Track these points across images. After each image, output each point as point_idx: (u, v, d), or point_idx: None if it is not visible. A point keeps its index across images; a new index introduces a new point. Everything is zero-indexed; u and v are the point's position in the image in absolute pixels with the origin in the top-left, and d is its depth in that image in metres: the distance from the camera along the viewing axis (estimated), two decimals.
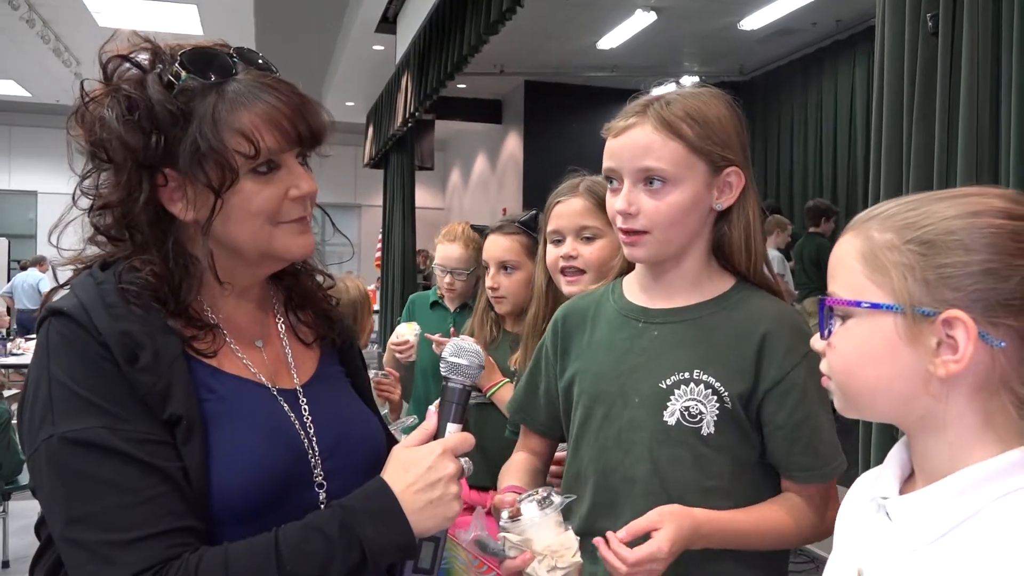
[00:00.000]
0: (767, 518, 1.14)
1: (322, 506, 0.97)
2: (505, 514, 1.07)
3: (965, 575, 0.71)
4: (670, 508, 1.08)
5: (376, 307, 8.21)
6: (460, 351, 1.07)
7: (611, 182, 1.19)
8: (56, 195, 12.27)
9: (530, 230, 1.98)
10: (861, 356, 0.78)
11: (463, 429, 1.03)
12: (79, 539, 0.86)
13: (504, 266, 1.97)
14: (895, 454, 0.85)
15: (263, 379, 1.03)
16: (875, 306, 0.76)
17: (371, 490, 0.95)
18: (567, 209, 1.64)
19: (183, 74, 0.94)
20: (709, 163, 1.14)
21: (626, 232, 1.16)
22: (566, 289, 1.63)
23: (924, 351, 0.74)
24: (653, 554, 1.03)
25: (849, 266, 0.79)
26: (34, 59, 9.72)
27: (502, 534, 1.06)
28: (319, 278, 1.17)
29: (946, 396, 0.75)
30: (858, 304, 0.77)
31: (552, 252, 1.67)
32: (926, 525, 0.76)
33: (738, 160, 1.16)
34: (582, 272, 1.60)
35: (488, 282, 2.00)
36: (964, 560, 0.72)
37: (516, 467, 1.34)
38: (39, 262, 10.50)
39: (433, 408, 1.04)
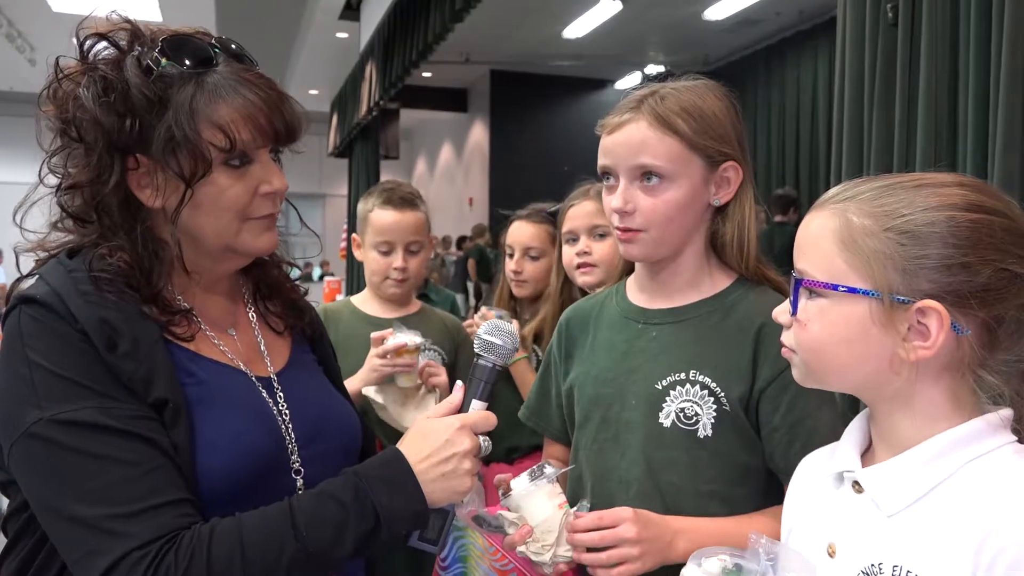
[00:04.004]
0: (757, 527, 1.06)
1: (299, 493, 0.97)
2: (501, 491, 1.07)
3: (946, 534, 0.74)
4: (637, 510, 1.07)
5: (341, 297, 8.12)
6: (495, 330, 1.05)
7: (607, 179, 1.17)
8: (2, 184, 11.95)
9: (553, 221, 2.08)
10: (833, 336, 0.81)
11: (488, 408, 1.03)
12: (81, 517, 0.83)
13: (530, 253, 2.06)
14: (854, 429, 0.88)
15: (240, 365, 1.02)
16: (852, 290, 0.78)
17: (386, 458, 0.95)
18: (580, 211, 1.87)
19: (163, 60, 0.93)
20: (705, 158, 1.12)
21: (622, 230, 1.15)
22: (580, 280, 1.84)
23: (895, 335, 0.77)
24: (619, 534, 1.02)
25: (824, 247, 0.81)
26: None
27: (500, 511, 1.06)
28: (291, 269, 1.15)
29: (913, 376, 0.78)
30: (835, 288, 0.79)
31: (568, 251, 1.88)
32: (899, 493, 0.79)
33: (735, 154, 1.14)
34: (595, 266, 1.83)
35: (511, 265, 2.09)
36: (943, 520, 0.75)
37: None
38: None
39: (460, 383, 1.03)
